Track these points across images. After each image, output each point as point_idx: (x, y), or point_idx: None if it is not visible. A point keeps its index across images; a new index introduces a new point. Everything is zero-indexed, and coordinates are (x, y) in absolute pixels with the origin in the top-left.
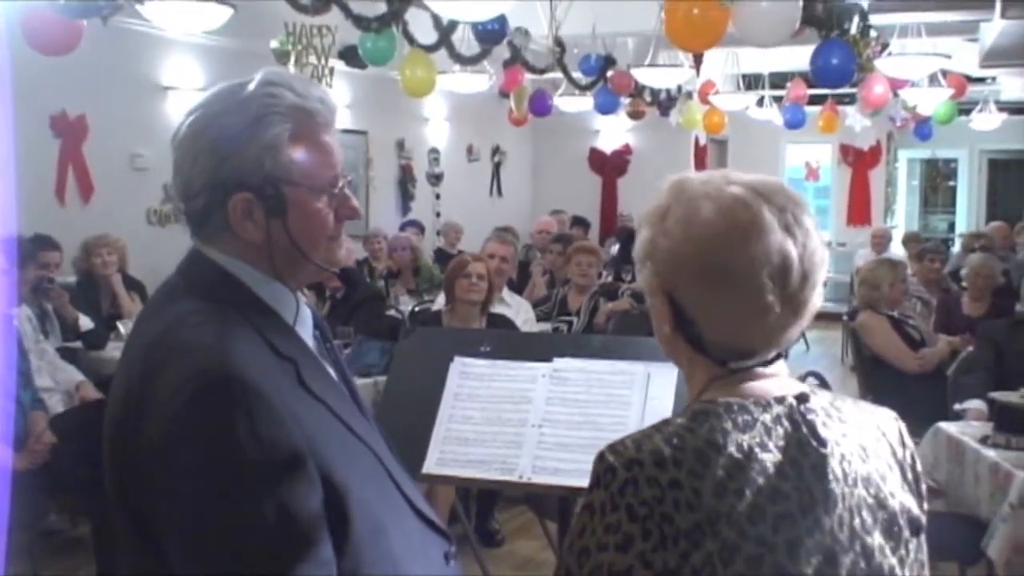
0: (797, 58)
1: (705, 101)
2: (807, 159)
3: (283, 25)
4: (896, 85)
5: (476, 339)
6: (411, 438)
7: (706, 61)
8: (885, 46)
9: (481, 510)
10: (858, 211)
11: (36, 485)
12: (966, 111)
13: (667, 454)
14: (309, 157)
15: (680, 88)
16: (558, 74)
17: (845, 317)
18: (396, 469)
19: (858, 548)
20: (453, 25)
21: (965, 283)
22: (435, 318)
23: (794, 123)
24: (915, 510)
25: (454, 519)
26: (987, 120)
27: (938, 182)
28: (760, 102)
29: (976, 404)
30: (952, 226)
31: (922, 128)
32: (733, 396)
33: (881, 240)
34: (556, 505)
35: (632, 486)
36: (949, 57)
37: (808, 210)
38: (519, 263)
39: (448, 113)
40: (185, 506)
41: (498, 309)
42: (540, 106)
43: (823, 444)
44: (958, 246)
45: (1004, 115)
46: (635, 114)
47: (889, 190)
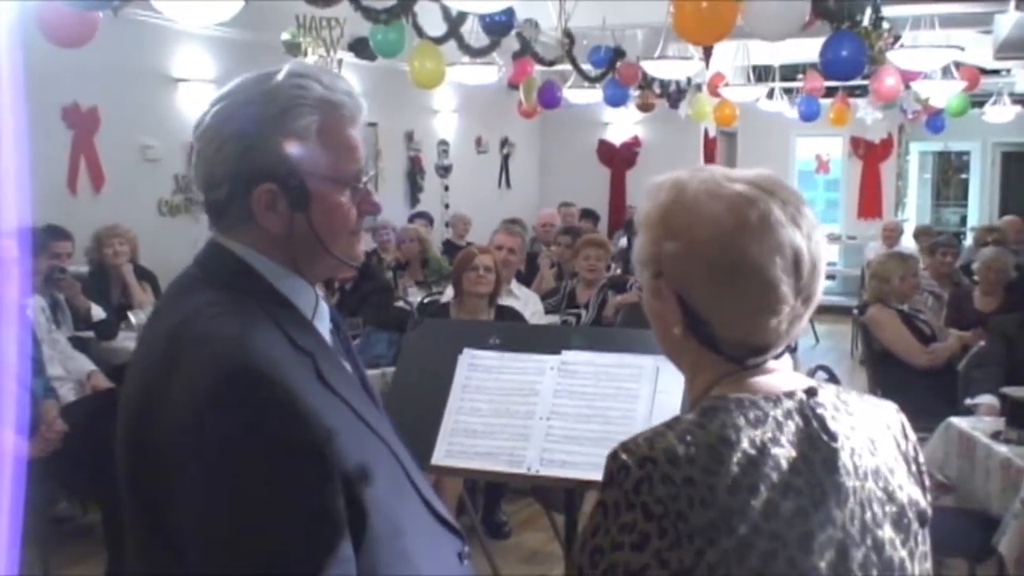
0: (808, 50)
1: (715, 93)
2: (817, 152)
3: (294, 17)
4: (908, 77)
5: (485, 331)
6: (419, 430)
7: (716, 53)
8: (897, 38)
9: (488, 502)
10: (869, 204)
11: (47, 473)
12: (979, 103)
13: (680, 452)
14: (334, 150)
15: (690, 80)
16: (567, 66)
17: (855, 311)
18: (411, 467)
19: (869, 542)
20: (462, 17)
21: (977, 277)
22: (443, 310)
23: (809, 115)
24: (922, 502)
25: (461, 511)
26: (1001, 113)
27: (950, 175)
28: (770, 94)
29: (987, 399)
30: (964, 220)
31: (934, 121)
32: (742, 392)
33: (892, 233)
34: (563, 497)
35: (647, 484)
36: (962, 49)
37: (806, 201)
38: (527, 255)
39: (457, 105)
40: (204, 502)
41: (506, 301)
42: (549, 98)
43: (833, 438)
44: (970, 240)
45: (1018, 108)
46: (644, 106)
47: (900, 183)
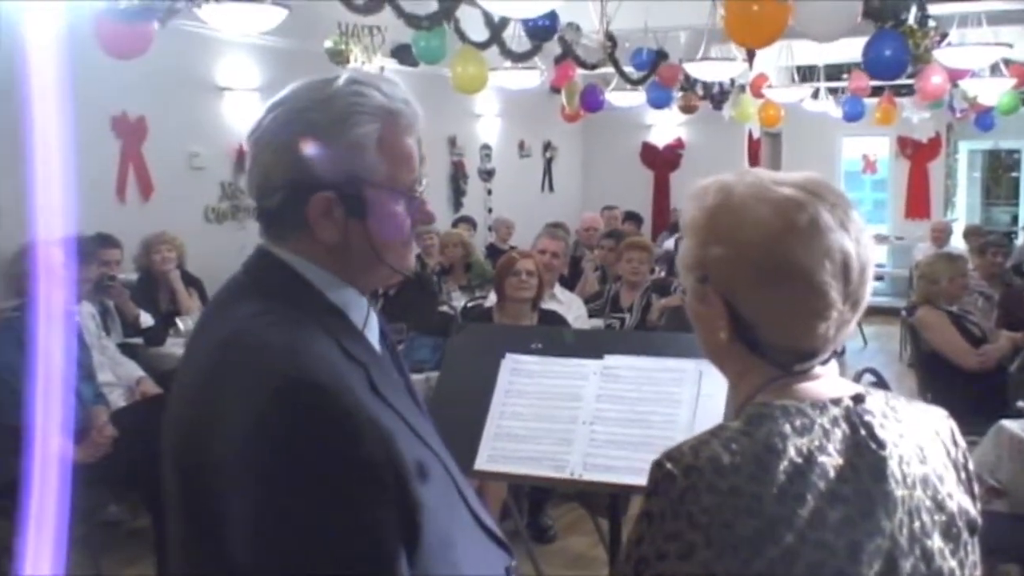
0: (853, 49)
1: (758, 94)
2: (864, 152)
3: (336, 25)
4: (955, 76)
5: (527, 336)
6: (463, 435)
7: (760, 54)
8: (944, 36)
9: (533, 506)
10: (917, 204)
11: (97, 477)
12: None
13: (726, 460)
14: (392, 159)
15: (733, 81)
16: (609, 69)
17: (903, 313)
18: (460, 477)
19: (918, 552)
20: (504, 22)
21: None
22: (486, 314)
23: (854, 115)
24: (972, 511)
25: (506, 515)
26: None
27: (1000, 173)
28: (815, 94)
29: None
30: (1015, 219)
31: (983, 119)
32: (788, 399)
33: (941, 234)
34: (607, 502)
35: (692, 493)
36: (1011, 46)
37: (853, 205)
38: (571, 259)
39: (500, 109)
40: (258, 514)
41: (550, 305)
42: (591, 101)
43: (882, 446)
44: (1021, 239)
45: None
46: (687, 108)
47: (949, 182)
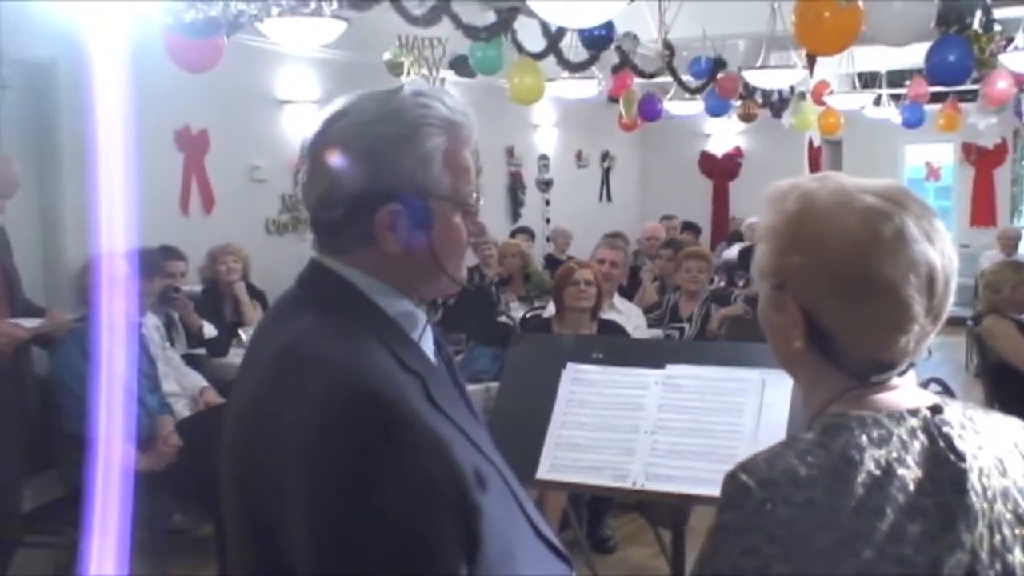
0: (916, 55)
1: (819, 102)
2: (927, 159)
3: (396, 37)
4: (1021, 80)
5: (587, 345)
6: (524, 444)
7: (821, 61)
8: (1010, 40)
9: (593, 516)
10: (982, 212)
11: (162, 486)
12: None
13: (802, 473)
14: (455, 172)
15: (792, 89)
16: (667, 78)
17: (969, 322)
18: (518, 488)
19: (999, 567)
20: (561, 32)
21: None
22: (546, 325)
23: (913, 122)
24: None
25: (565, 525)
26: None
27: None
28: (877, 101)
29: None
30: None
31: None
32: (864, 409)
33: (1010, 241)
34: (668, 512)
35: (769, 506)
36: None
37: (937, 214)
38: (629, 269)
39: (557, 119)
40: (322, 524)
41: (609, 315)
42: (649, 110)
43: (961, 458)
44: None
45: None
46: (746, 116)
47: (1015, 189)
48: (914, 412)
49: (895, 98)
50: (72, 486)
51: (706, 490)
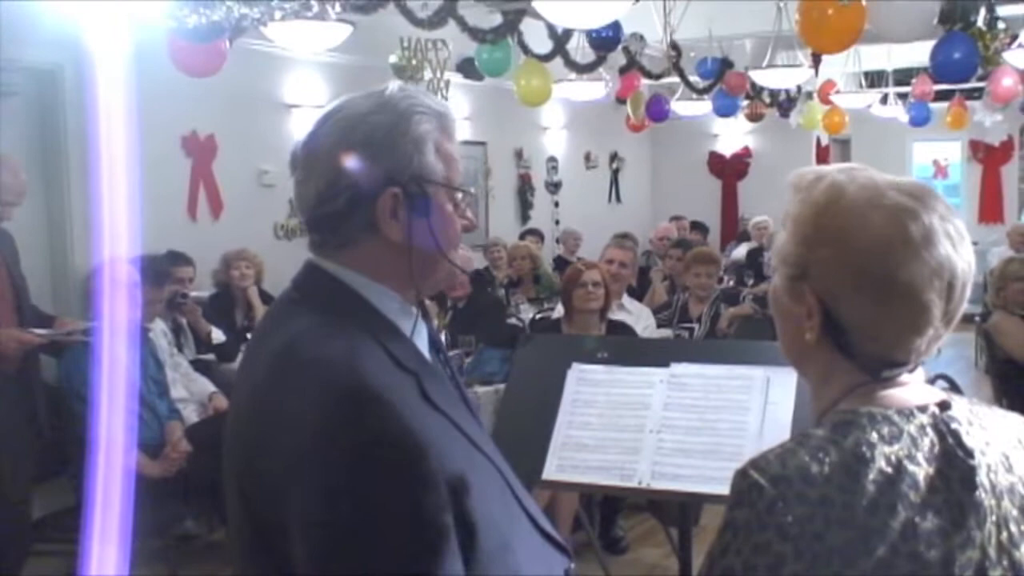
0: (922, 54)
1: (826, 101)
2: (935, 157)
3: (401, 40)
4: None
5: (593, 345)
6: (530, 444)
7: (827, 60)
8: (1015, 37)
9: (605, 517)
10: (990, 209)
11: (173, 491)
12: None
13: (814, 470)
14: (445, 159)
15: (800, 88)
16: (675, 79)
17: (977, 319)
18: (516, 483)
19: (1006, 563)
20: (568, 34)
21: None
22: (555, 326)
23: (919, 120)
24: None
25: (578, 526)
26: None
27: None
28: (884, 99)
29: None
30: None
31: None
32: (874, 405)
33: (1021, 237)
34: (678, 512)
35: (781, 504)
36: None
37: (956, 213)
38: (639, 269)
39: (565, 121)
40: (319, 518)
41: (618, 316)
42: (657, 111)
43: (970, 455)
44: None
45: None
46: (754, 116)
47: (1023, 186)
48: (923, 409)
49: (902, 96)
50: (83, 494)
51: (712, 488)
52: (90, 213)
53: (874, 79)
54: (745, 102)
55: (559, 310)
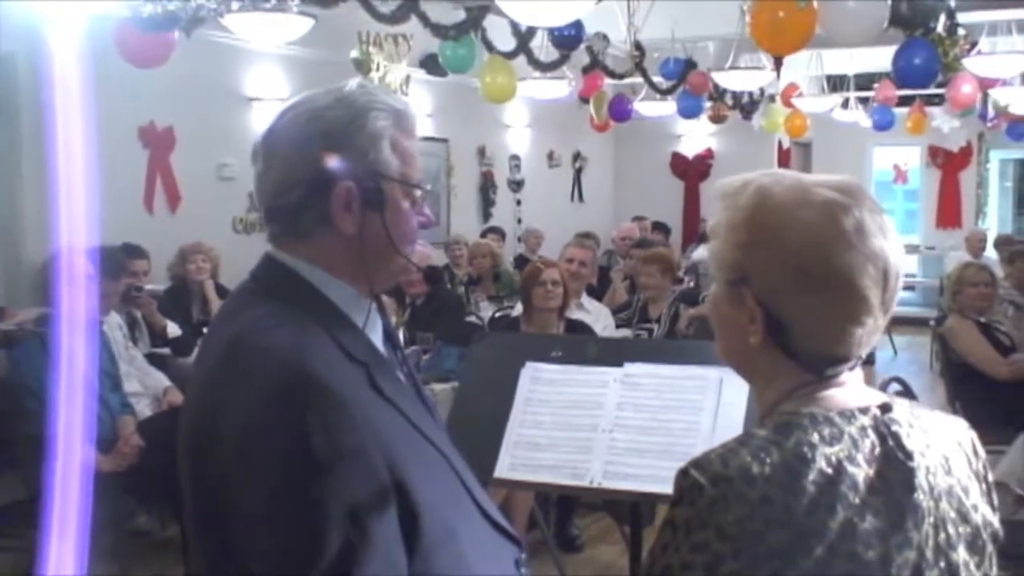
0: (884, 58)
1: (789, 104)
2: (895, 161)
3: (358, 35)
4: (986, 84)
5: (547, 344)
6: (483, 443)
7: (790, 63)
8: (974, 44)
9: (561, 516)
10: (948, 214)
11: (124, 487)
12: None
13: (755, 470)
14: (403, 156)
15: (762, 91)
16: (638, 79)
17: (932, 322)
18: (467, 474)
19: (943, 564)
20: (531, 32)
21: None
22: (514, 324)
23: (883, 124)
24: (995, 523)
25: (533, 525)
26: None
27: None
28: (845, 104)
29: None
30: None
31: (1015, 128)
32: (816, 406)
33: (978, 243)
34: (631, 511)
35: (721, 503)
36: None
37: (884, 210)
38: (599, 269)
39: (529, 119)
40: (256, 503)
41: (577, 315)
42: (619, 111)
43: (910, 456)
44: None
45: None
46: (717, 118)
47: (980, 192)
48: (864, 410)
49: (863, 101)
50: (33, 488)
51: (664, 488)
52: (43, 203)
53: (836, 83)
54: (708, 104)
55: (518, 308)
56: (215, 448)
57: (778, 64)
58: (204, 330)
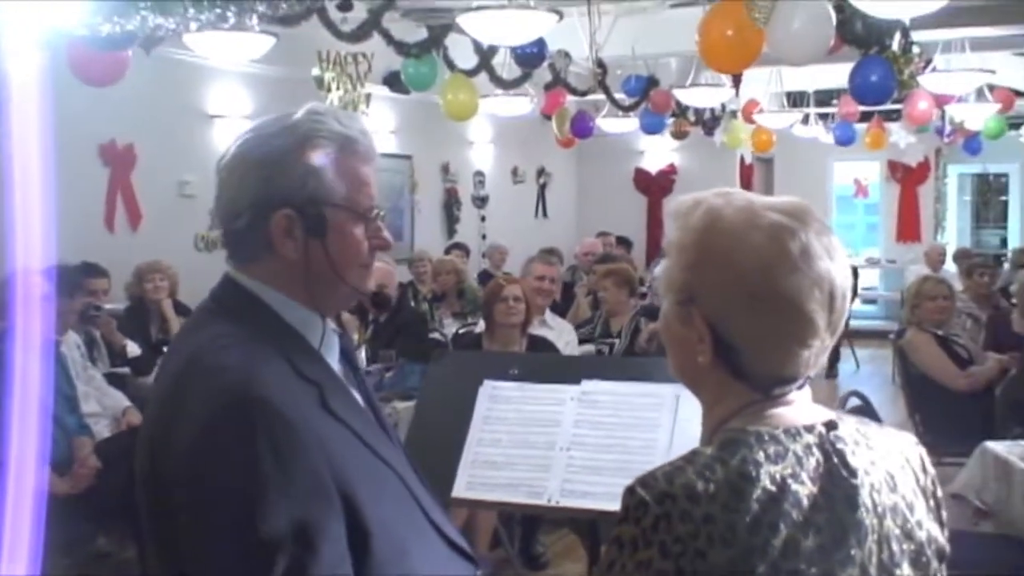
0: (841, 75)
1: (750, 120)
2: (856, 176)
3: (318, 53)
4: (942, 101)
5: (506, 362)
6: (440, 461)
7: (750, 80)
8: (929, 62)
9: (526, 533)
10: (907, 228)
11: (82, 510)
12: (1016, 125)
13: (700, 488)
14: (349, 183)
15: (724, 107)
16: (601, 96)
17: (892, 336)
18: (422, 493)
19: None
20: (493, 49)
21: (1015, 300)
22: (477, 341)
23: (844, 140)
24: (941, 539)
25: (497, 542)
26: None
27: (989, 197)
28: (805, 120)
29: None
30: (1005, 241)
31: (971, 143)
32: (762, 424)
33: (938, 257)
34: (590, 529)
35: (665, 521)
36: (993, 72)
37: (833, 231)
38: (563, 284)
39: (493, 136)
40: (203, 523)
41: (540, 331)
42: (581, 128)
43: (853, 474)
44: (1009, 262)
45: None
46: (679, 134)
47: (938, 206)
48: (810, 428)
49: (823, 117)
50: None
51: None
52: (1, 221)
53: (796, 99)
54: (671, 120)
55: (481, 325)
56: (163, 469)
57: (736, 81)
58: (163, 349)
